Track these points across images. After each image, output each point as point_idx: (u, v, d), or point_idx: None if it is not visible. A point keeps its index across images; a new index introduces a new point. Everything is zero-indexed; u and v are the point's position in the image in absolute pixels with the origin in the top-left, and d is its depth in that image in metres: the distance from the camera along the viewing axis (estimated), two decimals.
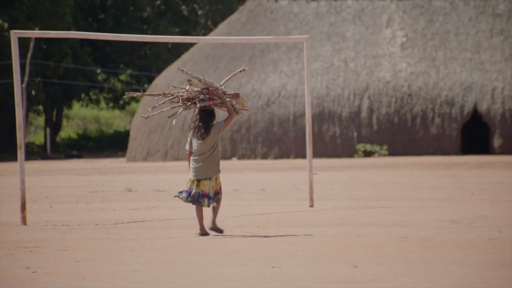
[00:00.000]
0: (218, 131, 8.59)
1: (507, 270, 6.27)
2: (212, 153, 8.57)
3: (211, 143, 8.57)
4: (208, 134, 8.56)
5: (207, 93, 8.71)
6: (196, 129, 8.60)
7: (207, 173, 8.54)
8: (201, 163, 8.54)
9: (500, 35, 32.42)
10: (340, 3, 34.63)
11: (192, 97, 8.71)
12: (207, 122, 8.59)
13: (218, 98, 8.71)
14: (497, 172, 20.26)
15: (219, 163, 8.63)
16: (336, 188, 15.87)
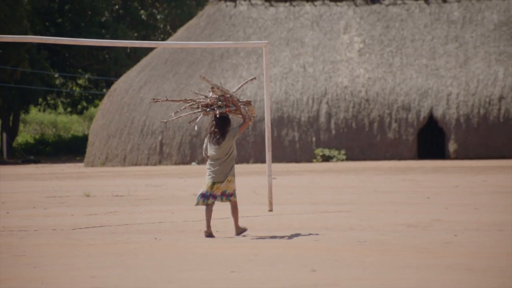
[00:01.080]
0: (233, 136, 9.01)
1: (462, 273, 6.38)
2: (228, 158, 8.97)
3: (226, 148, 8.97)
4: (224, 139, 8.96)
5: (224, 100, 9.08)
6: (212, 135, 8.99)
7: (223, 176, 8.94)
8: (217, 167, 8.95)
9: (455, 41, 32.91)
10: (298, 8, 34.84)
11: (211, 103, 9.09)
12: (223, 128, 8.99)
13: (233, 105, 9.09)
14: (452, 176, 20.55)
15: (233, 166, 9.03)
16: (295, 192, 15.96)
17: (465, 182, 18.13)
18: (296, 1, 35.05)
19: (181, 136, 32.79)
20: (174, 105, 33.54)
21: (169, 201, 14.28)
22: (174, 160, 32.72)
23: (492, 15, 33.19)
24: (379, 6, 34.34)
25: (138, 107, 33.76)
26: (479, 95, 31.38)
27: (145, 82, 34.33)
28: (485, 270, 6.48)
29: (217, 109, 9.02)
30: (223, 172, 8.94)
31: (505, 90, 31.20)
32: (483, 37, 32.74)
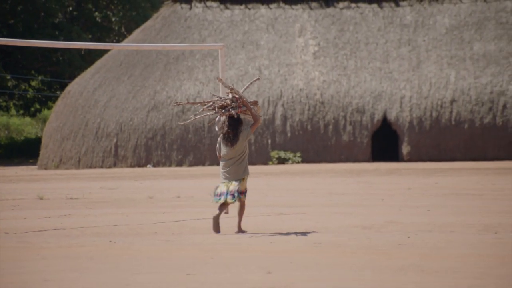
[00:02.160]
0: (246, 136, 9.32)
1: (415, 274, 6.47)
2: (241, 157, 9.27)
3: (240, 148, 9.29)
4: (237, 140, 9.28)
5: (236, 101, 9.43)
6: (225, 136, 9.31)
7: (237, 175, 9.26)
8: (231, 166, 9.27)
9: (408, 45, 33.31)
10: (253, 11, 34.93)
11: (226, 105, 9.42)
12: (236, 128, 9.31)
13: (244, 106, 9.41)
14: (405, 178, 20.79)
15: (247, 165, 9.33)
16: (251, 195, 15.98)
17: (418, 184, 18.36)
18: (252, 4, 35.14)
19: (137, 139, 32.61)
20: (130, 107, 33.34)
21: (124, 204, 14.19)
22: (129, 163, 32.51)
23: (444, 19, 33.69)
24: (333, 9, 34.61)
25: (92, 109, 33.48)
26: (432, 98, 31.81)
27: (100, 84, 34.06)
28: (437, 271, 6.57)
29: (231, 110, 9.35)
30: (237, 171, 9.24)
31: (456, 93, 31.68)
32: (435, 40, 33.21)
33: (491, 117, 31.38)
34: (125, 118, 32.90)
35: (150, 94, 33.02)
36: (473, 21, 33.42)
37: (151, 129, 32.58)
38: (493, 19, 33.36)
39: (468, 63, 32.40)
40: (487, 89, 31.72)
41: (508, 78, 31.86)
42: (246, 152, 9.31)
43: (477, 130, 31.34)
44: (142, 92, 33.21)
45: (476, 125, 31.37)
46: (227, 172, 9.28)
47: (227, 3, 35.26)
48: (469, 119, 31.42)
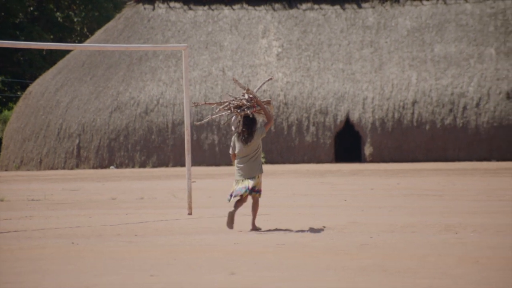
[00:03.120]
0: (260, 135, 9.67)
1: (378, 274, 6.53)
2: (255, 155, 9.62)
3: (254, 147, 9.64)
4: (252, 138, 9.63)
5: (250, 101, 9.75)
6: (240, 134, 9.66)
7: (251, 172, 9.57)
8: (246, 164, 9.59)
9: (370, 46, 33.57)
10: (217, 12, 34.92)
11: (241, 105, 9.76)
12: (250, 127, 9.66)
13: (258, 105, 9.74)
14: (368, 179, 20.95)
15: (261, 163, 9.68)
16: (215, 196, 15.99)
17: (380, 185, 18.51)
18: (215, 5, 35.12)
19: (99, 140, 32.39)
20: (92, 108, 33.11)
21: (87, 205, 14.09)
22: (92, 164, 32.28)
23: (405, 21, 34.01)
24: (296, 11, 34.74)
25: (54, 110, 33.19)
26: (394, 100, 32.09)
27: (62, 85, 33.76)
28: (399, 271, 6.65)
29: (247, 109, 9.66)
30: (252, 169, 9.56)
31: (418, 94, 32.00)
32: (397, 42, 33.51)
33: (452, 118, 31.76)
34: (88, 119, 32.66)
35: (113, 95, 32.83)
36: (434, 23, 33.80)
37: (114, 130, 32.39)
38: (453, 21, 33.76)
39: (429, 65, 32.76)
40: (447, 91, 32.09)
41: (468, 80, 32.28)
42: (260, 150, 9.66)
43: (438, 131, 31.70)
44: (104, 93, 33.00)
45: (437, 126, 31.72)
46: (242, 169, 9.60)
47: (191, 4, 35.20)
48: (430, 120, 31.76)
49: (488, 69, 32.35)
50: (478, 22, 33.62)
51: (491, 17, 33.73)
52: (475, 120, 31.60)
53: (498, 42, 32.98)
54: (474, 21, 33.66)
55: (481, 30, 33.39)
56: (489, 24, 33.51)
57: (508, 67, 32.31)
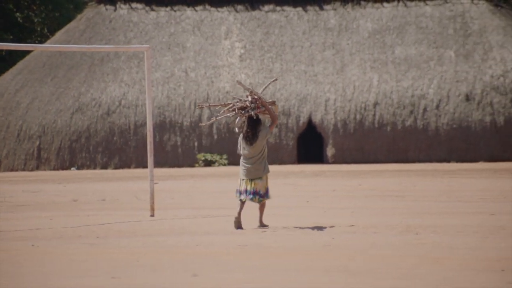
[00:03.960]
0: (265, 136, 9.85)
1: (340, 275, 6.58)
2: (261, 156, 9.78)
3: (259, 147, 9.78)
4: (256, 139, 9.78)
5: (255, 102, 9.91)
6: (245, 135, 9.81)
7: (258, 173, 9.73)
8: (252, 164, 9.75)
9: (332, 48, 33.78)
10: (179, 13, 34.84)
11: (245, 106, 9.93)
12: (255, 128, 9.82)
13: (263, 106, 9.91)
14: (330, 180, 21.07)
15: (267, 163, 9.85)
16: (177, 197, 15.95)
17: (342, 186, 18.63)
18: (177, 6, 35.04)
19: (60, 141, 32.11)
20: (53, 109, 32.78)
21: (48, 207, 13.96)
22: (52, 166, 31.98)
23: (367, 23, 34.28)
24: (259, 12, 34.82)
25: (14, 111, 32.81)
26: (355, 101, 32.32)
27: (22, 86, 33.39)
28: (361, 272, 6.70)
29: (251, 111, 9.82)
30: (258, 169, 9.72)
31: (379, 96, 32.27)
32: (358, 44, 33.76)
33: (412, 120, 32.08)
34: (49, 120, 32.35)
35: (74, 96, 32.56)
36: (395, 26, 34.11)
37: (75, 131, 32.12)
38: (413, 23, 34.12)
39: (390, 67, 33.05)
40: (408, 93, 32.41)
41: (428, 82, 32.64)
42: (266, 151, 9.81)
43: (399, 133, 31.99)
44: (66, 94, 32.71)
45: (398, 128, 32.02)
46: (248, 169, 9.74)
47: (153, 4, 35.07)
48: (392, 122, 32.05)
49: (448, 71, 32.75)
50: (438, 25, 34.01)
51: (450, 20, 34.15)
52: (435, 122, 31.96)
53: (457, 44, 33.40)
54: (434, 23, 34.06)
55: (440, 33, 33.78)
56: (449, 27, 33.93)
57: (467, 69, 32.74)
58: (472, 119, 31.94)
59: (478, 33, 33.62)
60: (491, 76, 32.46)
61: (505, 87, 32.18)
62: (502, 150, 31.75)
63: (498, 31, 33.65)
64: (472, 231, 9.34)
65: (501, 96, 32.06)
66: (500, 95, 32.09)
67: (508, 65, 32.63)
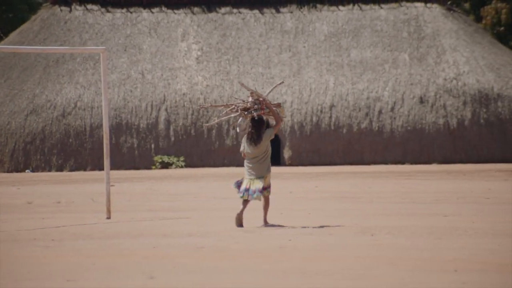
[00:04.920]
0: (269, 137, 10.06)
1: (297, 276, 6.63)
2: (264, 156, 10.02)
3: (263, 147, 10.03)
4: (260, 140, 10.02)
5: (259, 103, 10.10)
6: (249, 136, 10.05)
7: (260, 172, 9.99)
8: (255, 164, 10.01)
9: (289, 51, 33.92)
10: (136, 15, 34.66)
11: (248, 107, 10.13)
12: (259, 129, 10.04)
13: (267, 107, 10.09)
14: (287, 182, 21.15)
15: (269, 163, 10.07)
16: (134, 199, 15.87)
17: (299, 188, 18.73)
18: (133, 8, 34.86)
19: (14, 143, 31.70)
20: (7, 111, 32.34)
21: (2, 210, 13.78)
22: (6, 168, 31.56)
23: (323, 26, 34.51)
24: (215, 14, 34.81)
25: None
26: (312, 104, 32.51)
27: None
28: (317, 273, 6.75)
29: (254, 112, 10.04)
30: (261, 169, 9.98)
31: (335, 98, 32.50)
32: (315, 47, 33.97)
33: (368, 122, 32.38)
34: (2, 122, 31.91)
35: (29, 98, 32.18)
36: (350, 29, 34.40)
37: (29, 133, 31.74)
38: (368, 27, 34.45)
39: (346, 70, 33.32)
40: (364, 95, 32.71)
41: (383, 84, 32.98)
42: (269, 151, 10.04)
43: (354, 135, 32.26)
44: (20, 96, 32.31)
45: (353, 130, 32.29)
46: (252, 169, 10.00)
47: (108, 6, 34.84)
48: (347, 124, 32.31)
49: (402, 74, 33.13)
50: (392, 28, 34.39)
51: (404, 23, 34.55)
52: (390, 124, 32.30)
53: (411, 47, 33.81)
54: (388, 27, 34.42)
55: (395, 36, 34.16)
56: (403, 30, 34.32)
57: (421, 72, 33.16)
58: (426, 121, 32.35)
59: (431, 37, 34.08)
60: (444, 79, 32.93)
61: (457, 90, 32.67)
62: (455, 152, 32.23)
63: (451, 34, 34.16)
64: (426, 232, 9.48)
65: (454, 99, 32.54)
66: (453, 98, 32.56)
67: (461, 68, 33.14)
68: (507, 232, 9.41)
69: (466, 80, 32.72)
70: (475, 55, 33.54)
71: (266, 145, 10.03)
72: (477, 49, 33.88)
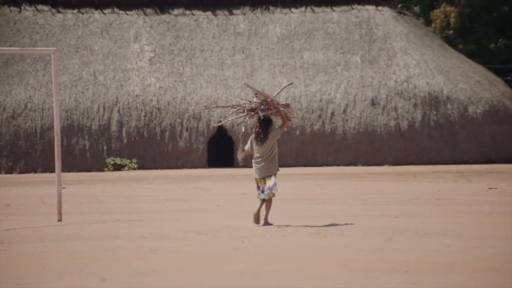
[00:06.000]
0: (275, 136, 10.42)
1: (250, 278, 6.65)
2: (271, 155, 10.36)
3: (269, 147, 10.38)
4: (267, 139, 10.37)
5: (266, 104, 10.36)
6: (256, 135, 10.37)
7: (268, 171, 10.33)
8: (263, 163, 10.35)
9: (242, 53, 33.98)
10: (87, 16, 34.36)
11: (255, 107, 10.42)
12: (266, 129, 10.38)
13: (274, 108, 10.39)
14: (240, 184, 21.18)
15: (276, 163, 10.40)
16: (86, 202, 15.73)
17: (252, 189, 18.75)
18: (85, 9, 34.56)
19: None
20: None
21: None
22: None
23: (275, 28, 34.65)
24: (168, 16, 34.70)
25: None
26: None
27: None
28: (270, 274, 6.79)
29: (260, 112, 10.32)
30: (268, 168, 10.31)
31: (288, 100, 32.63)
32: (268, 49, 34.09)
33: (321, 124, 32.60)
34: None
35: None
36: (303, 31, 34.61)
37: None
38: (321, 29, 34.69)
39: (299, 72, 33.50)
40: (316, 97, 32.92)
41: (336, 86, 33.24)
42: (275, 150, 10.37)
43: (307, 137, 32.45)
44: None
45: (306, 131, 32.48)
46: (259, 168, 10.34)
47: (59, 7, 34.48)
48: (300, 126, 32.48)
49: (354, 76, 33.44)
50: (344, 31, 34.69)
51: (356, 26, 34.88)
52: (343, 126, 32.58)
53: (363, 50, 34.14)
54: (340, 29, 34.71)
55: (347, 39, 34.46)
56: (355, 33, 34.64)
57: (372, 75, 33.50)
58: (377, 123, 32.70)
59: (382, 39, 34.46)
60: (395, 82, 33.32)
61: (408, 92, 33.09)
62: (406, 154, 32.64)
63: (401, 37, 34.58)
64: (377, 233, 9.58)
65: (405, 101, 32.95)
66: (404, 100, 32.97)
67: (411, 71, 33.58)
68: (456, 233, 9.57)
69: (417, 83, 33.16)
70: (425, 58, 34.01)
71: (272, 144, 10.38)
72: (427, 52, 34.37)
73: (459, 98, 33.00)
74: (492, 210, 12.63)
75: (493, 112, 33.04)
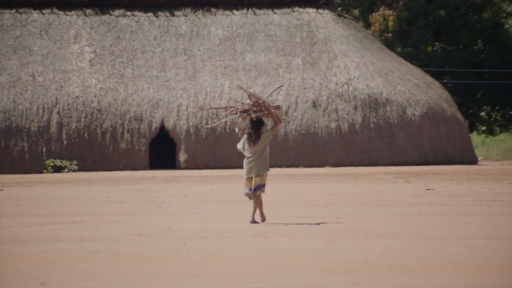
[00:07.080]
0: (267, 137, 10.78)
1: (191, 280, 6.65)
2: (262, 155, 10.69)
3: (261, 147, 10.71)
4: (259, 140, 10.71)
5: (258, 106, 10.71)
6: (249, 136, 10.71)
7: (258, 171, 10.67)
8: (253, 163, 10.68)
9: (184, 54, 33.89)
10: (25, 16, 33.83)
11: (248, 109, 10.77)
12: (258, 129, 10.73)
13: (265, 109, 10.76)
14: (182, 186, 21.13)
15: (267, 163, 10.72)
16: (24, 204, 15.48)
17: (194, 191, 18.74)
18: (23, 9, 34.03)
19: None
20: None
21: None
22: None
23: (217, 30, 34.66)
24: (109, 17, 34.40)
25: None
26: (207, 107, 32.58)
27: None
28: (212, 276, 6.79)
29: (252, 113, 10.65)
30: (259, 167, 10.64)
31: (230, 102, 32.69)
32: (210, 51, 34.08)
33: None
34: None
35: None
36: (245, 33, 34.70)
37: None
38: (262, 31, 34.84)
39: (241, 73, 33.58)
40: None
41: None
42: (267, 150, 10.69)
43: None
44: None
45: None
46: (250, 168, 10.66)
47: None
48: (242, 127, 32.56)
49: (296, 78, 33.67)
50: (286, 33, 34.89)
51: (297, 28, 35.13)
52: (284, 128, 32.76)
53: (304, 52, 34.40)
54: (282, 31, 34.91)
55: (288, 41, 34.68)
56: (296, 35, 34.88)
57: (313, 77, 33.78)
58: (318, 125, 32.98)
59: (323, 42, 34.78)
60: (336, 84, 33.66)
61: (348, 94, 33.46)
62: (346, 156, 32.99)
63: (341, 40, 34.96)
64: (319, 234, 9.67)
65: (345, 103, 33.31)
66: (345, 102, 33.33)
67: (351, 73, 33.97)
68: (395, 233, 9.72)
69: (357, 85, 33.55)
70: (364, 60, 34.44)
71: (264, 145, 10.72)
72: (367, 54, 34.80)
73: (398, 101, 33.50)
74: (429, 210, 12.86)
75: (431, 114, 33.62)
